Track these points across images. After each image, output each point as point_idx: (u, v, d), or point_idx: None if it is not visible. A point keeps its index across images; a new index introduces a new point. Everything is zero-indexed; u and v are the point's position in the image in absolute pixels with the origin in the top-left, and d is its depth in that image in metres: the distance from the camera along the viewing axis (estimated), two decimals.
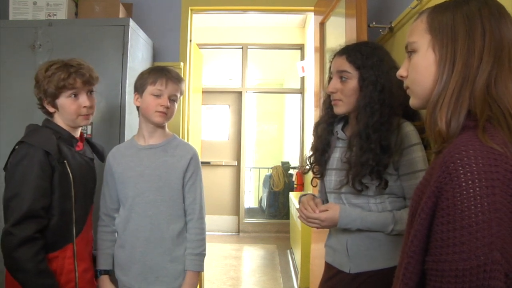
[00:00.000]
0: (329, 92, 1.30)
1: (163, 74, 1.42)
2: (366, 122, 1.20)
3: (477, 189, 0.60)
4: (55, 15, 2.23)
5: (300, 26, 5.15)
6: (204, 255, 1.48)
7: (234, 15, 4.32)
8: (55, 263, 1.30)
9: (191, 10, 2.78)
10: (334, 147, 1.37)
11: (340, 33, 2.03)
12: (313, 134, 1.43)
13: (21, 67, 2.08)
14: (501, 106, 0.68)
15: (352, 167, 1.22)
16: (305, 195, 1.40)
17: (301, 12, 3.03)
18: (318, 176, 1.41)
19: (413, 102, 0.81)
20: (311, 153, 1.42)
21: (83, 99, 1.38)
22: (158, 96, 1.41)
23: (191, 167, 1.47)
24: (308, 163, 1.43)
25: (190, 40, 2.79)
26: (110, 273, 1.45)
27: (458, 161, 0.62)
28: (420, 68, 0.77)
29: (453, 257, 0.60)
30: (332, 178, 1.34)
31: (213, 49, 5.36)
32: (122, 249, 1.44)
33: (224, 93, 5.45)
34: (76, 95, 1.37)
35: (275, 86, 6.90)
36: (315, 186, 1.56)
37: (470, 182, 0.60)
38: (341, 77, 1.27)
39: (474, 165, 0.61)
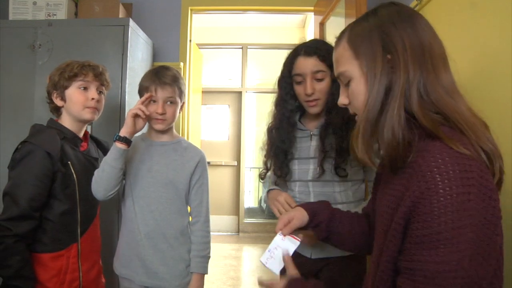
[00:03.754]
0: (309, 93, 1.29)
1: (152, 80, 1.40)
2: (343, 115, 1.21)
3: (454, 195, 0.61)
4: (55, 15, 2.23)
5: (300, 26, 5.15)
6: (209, 257, 1.48)
7: (234, 15, 4.31)
8: (60, 261, 1.31)
9: (191, 10, 2.78)
10: (295, 138, 1.38)
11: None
12: (273, 136, 1.39)
13: (21, 67, 2.08)
14: (444, 111, 0.70)
15: (335, 156, 1.27)
16: (272, 189, 1.38)
17: (301, 12, 3.03)
18: (284, 175, 1.38)
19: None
20: (276, 156, 1.38)
21: (92, 92, 1.40)
22: (153, 102, 1.40)
23: (199, 170, 1.47)
24: (267, 167, 1.42)
25: (190, 40, 2.79)
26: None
27: (435, 169, 0.63)
28: (360, 95, 0.77)
29: (426, 258, 0.62)
30: (296, 167, 1.36)
31: (213, 49, 5.36)
32: (125, 240, 1.44)
33: (224, 93, 5.45)
34: (85, 88, 1.39)
35: (275, 86, 6.88)
36: (263, 180, 1.51)
37: (447, 189, 0.61)
38: (315, 78, 1.29)
39: (451, 172, 0.62)
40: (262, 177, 1.46)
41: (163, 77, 1.39)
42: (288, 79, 1.36)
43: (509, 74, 0.98)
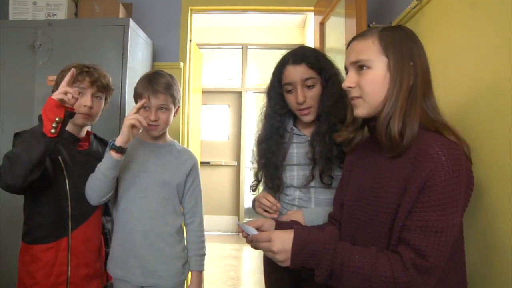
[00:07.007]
0: (300, 101, 1.30)
1: (146, 88, 1.42)
2: (329, 121, 1.27)
3: (454, 171, 0.82)
4: (55, 15, 2.23)
5: (300, 26, 5.15)
6: (205, 254, 1.56)
7: (234, 15, 4.31)
8: (49, 253, 1.34)
9: (191, 10, 2.79)
10: (289, 143, 1.37)
11: (340, 33, 2.03)
12: (263, 148, 1.39)
13: (21, 67, 2.08)
14: (437, 114, 0.94)
15: (321, 163, 1.27)
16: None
17: (301, 12, 3.03)
18: (277, 188, 1.36)
19: (363, 111, 0.98)
20: (266, 168, 1.37)
21: (86, 99, 1.41)
22: (146, 109, 1.42)
23: (193, 173, 1.53)
24: (258, 178, 1.41)
25: (190, 40, 2.79)
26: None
27: (440, 152, 0.83)
28: (378, 83, 0.94)
29: (436, 218, 0.82)
30: (295, 173, 1.34)
31: (213, 49, 5.36)
32: (120, 242, 1.45)
33: (224, 93, 5.45)
34: (80, 94, 1.39)
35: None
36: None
37: (450, 166, 0.82)
38: (306, 86, 1.29)
39: (450, 154, 0.83)
40: (253, 189, 1.45)
41: (156, 85, 1.41)
42: (277, 89, 1.36)
43: (509, 74, 0.98)
